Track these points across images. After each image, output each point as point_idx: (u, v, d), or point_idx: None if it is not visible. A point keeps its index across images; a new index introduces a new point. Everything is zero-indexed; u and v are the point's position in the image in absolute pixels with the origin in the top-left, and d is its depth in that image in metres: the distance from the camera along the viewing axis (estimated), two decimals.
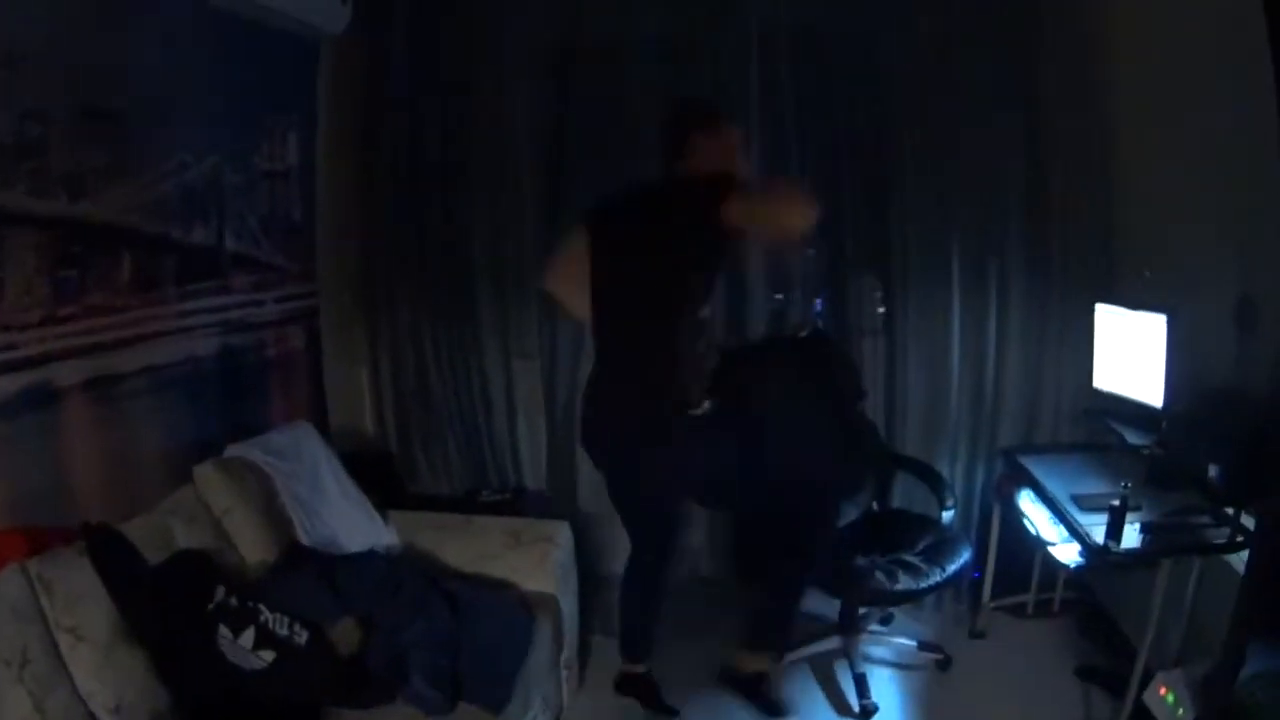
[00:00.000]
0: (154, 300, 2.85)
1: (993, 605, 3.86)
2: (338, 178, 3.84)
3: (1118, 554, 2.73)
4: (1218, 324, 2.98)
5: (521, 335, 4.00)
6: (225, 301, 3.18)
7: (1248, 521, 2.63)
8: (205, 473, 2.74)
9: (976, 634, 3.81)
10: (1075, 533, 2.90)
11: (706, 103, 3.31)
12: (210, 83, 3.08)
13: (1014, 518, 3.44)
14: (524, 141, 3.85)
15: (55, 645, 2.05)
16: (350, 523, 3.09)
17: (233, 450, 2.90)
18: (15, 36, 2.28)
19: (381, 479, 3.57)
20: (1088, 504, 2.97)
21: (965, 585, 3.90)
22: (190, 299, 3.01)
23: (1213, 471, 2.85)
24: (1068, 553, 3.05)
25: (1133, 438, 3.29)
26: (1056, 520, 3.08)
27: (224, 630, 2.32)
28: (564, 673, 3.17)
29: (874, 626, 3.67)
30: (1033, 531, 3.24)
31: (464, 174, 3.88)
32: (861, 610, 3.49)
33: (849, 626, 3.42)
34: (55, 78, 2.42)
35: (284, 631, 2.39)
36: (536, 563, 3.13)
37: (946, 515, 3.45)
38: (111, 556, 2.25)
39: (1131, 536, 2.75)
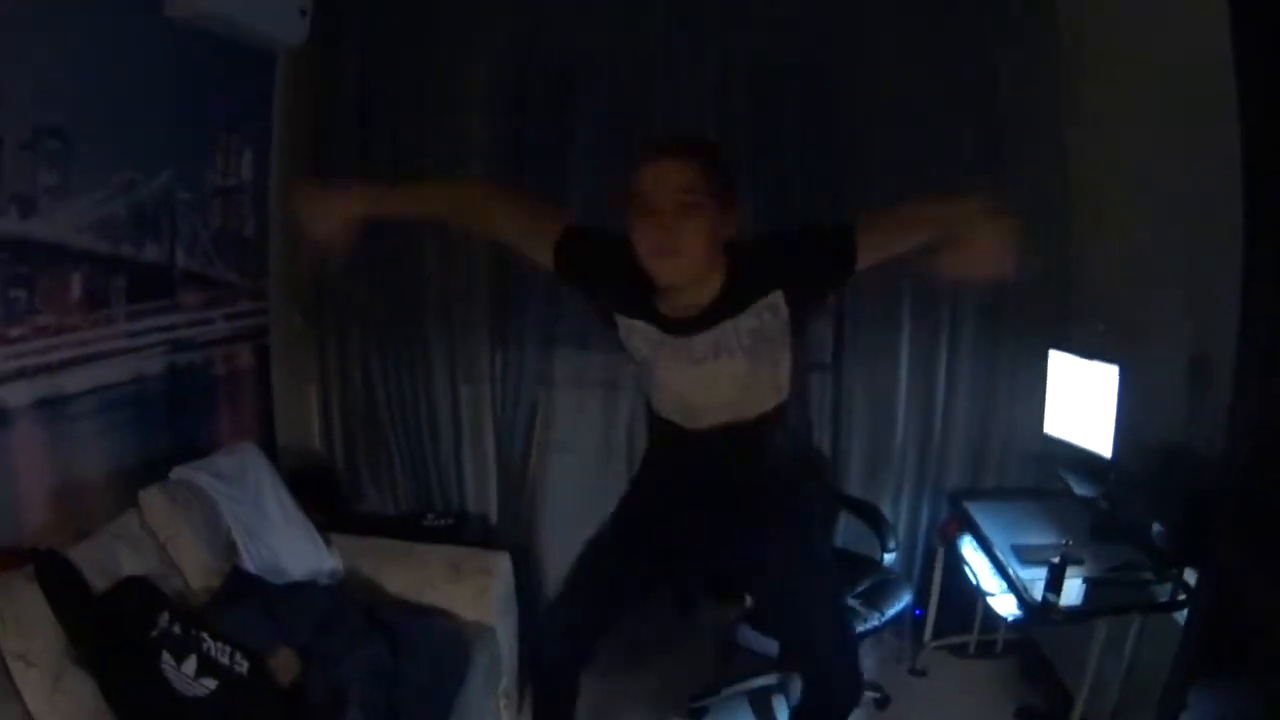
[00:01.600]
0: (103, 320, 2.83)
1: (934, 644, 3.89)
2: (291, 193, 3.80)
3: (1056, 610, 2.73)
4: (1171, 380, 2.99)
5: (470, 360, 4.01)
6: (175, 320, 3.16)
7: (1190, 578, 2.64)
8: (150, 498, 2.72)
9: (917, 672, 3.84)
10: (1014, 587, 2.92)
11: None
12: (164, 97, 3.05)
13: (957, 561, 3.47)
14: (476, 163, 3.85)
15: (6, 670, 2.06)
16: (293, 547, 3.10)
17: (178, 473, 2.89)
18: None
19: (327, 497, 3.58)
20: (1029, 556, 2.99)
21: (907, 623, 3.93)
22: (140, 318, 2.99)
23: (1157, 528, 2.87)
24: (1006, 604, 3.08)
25: (1080, 487, 3.31)
26: (996, 572, 3.10)
27: (167, 657, 2.31)
28: (503, 701, 3.19)
29: None
30: (973, 581, 3.28)
31: None
32: None
33: (788, 662, 3.44)
34: (4, 95, 2.40)
35: (225, 660, 2.39)
36: (476, 594, 3.16)
37: (888, 558, 3.47)
38: (59, 583, 2.25)
39: (1072, 592, 2.76)
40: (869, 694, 3.57)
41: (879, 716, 3.56)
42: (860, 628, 3.12)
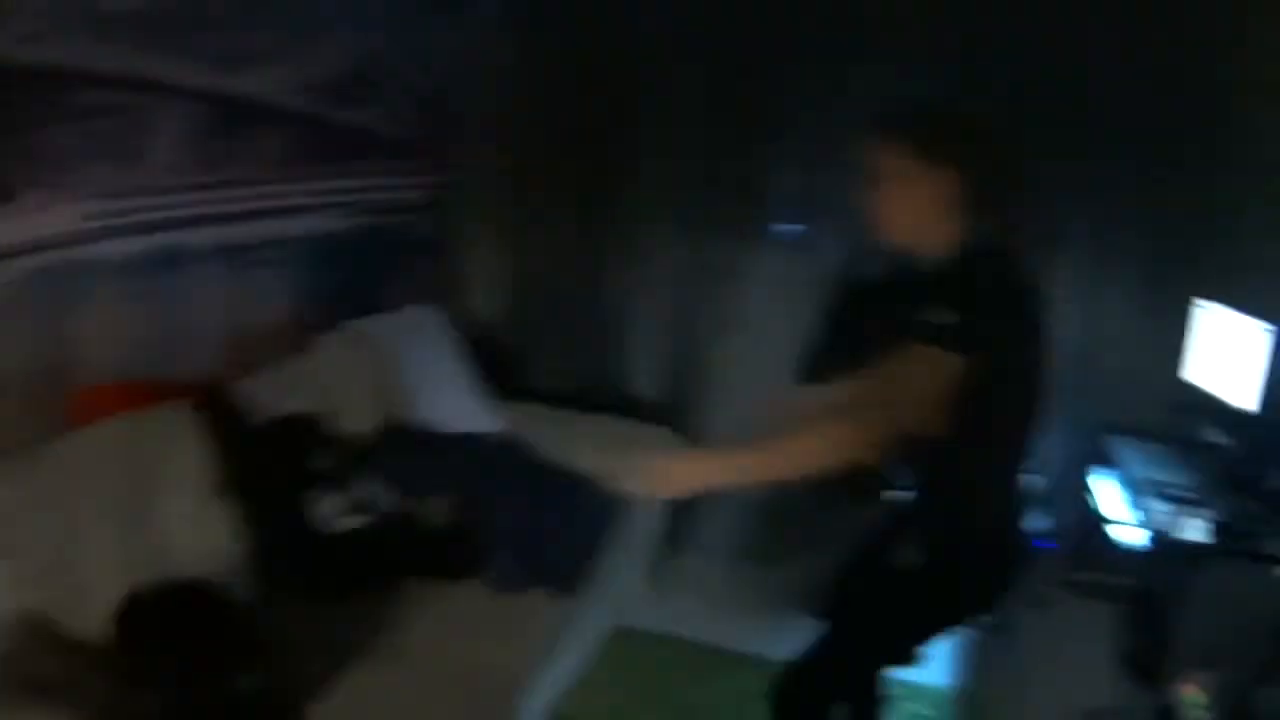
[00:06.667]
0: (295, 176, 2.97)
1: (1060, 579, 3.84)
2: (502, 67, 3.83)
3: (1181, 546, 2.77)
4: None
5: (655, 242, 3.99)
6: (364, 183, 3.30)
7: None
8: (326, 343, 2.91)
9: (1037, 604, 3.81)
10: (1143, 518, 2.96)
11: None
12: None
13: (1090, 497, 3.45)
14: (687, 44, 3.75)
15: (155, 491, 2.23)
16: (460, 406, 3.24)
17: (356, 324, 3.06)
18: None
19: (500, 367, 3.69)
20: (1160, 492, 3.00)
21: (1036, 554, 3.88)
22: (331, 177, 3.13)
23: None
24: (1135, 535, 3.10)
25: (1216, 437, 3.27)
26: (1129, 503, 3.12)
27: (318, 494, 2.47)
28: (637, 574, 3.30)
29: None
30: (1106, 510, 3.26)
31: (626, 77, 3.84)
32: None
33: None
34: None
35: (377, 500, 2.56)
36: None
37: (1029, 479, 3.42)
38: (219, 414, 2.41)
39: (1198, 531, 2.79)
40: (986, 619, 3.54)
41: (991, 642, 3.57)
42: None
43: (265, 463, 2.44)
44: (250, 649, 1.93)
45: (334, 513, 2.47)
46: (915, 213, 2.04)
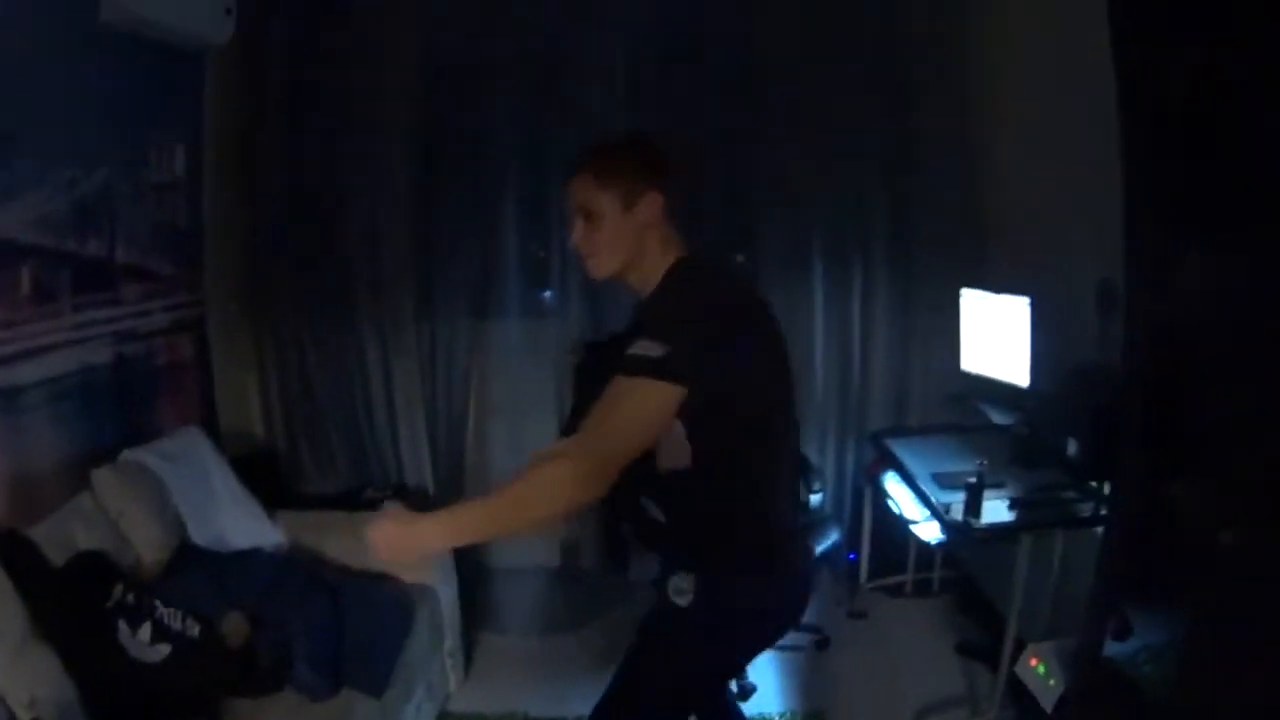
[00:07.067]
0: (51, 313, 2.97)
1: (870, 586, 4.11)
2: (223, 188, 3.99)
3: (976, 529, 2.86)
4: (1081, 307, 3.11)
5: (399, 333, 4.22)
6: (118, 312, 3.31)
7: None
8: (102, 477, 2.90)
9: (856, 614, 4.04)
10: (935, 511, 3.02)
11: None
12: (100, 98, 3.20)
13: (884, 502, 3.62)
14: (399, 151, 4.09)
15: None
16: (238, 522, 3.28)
17: (127, 455, 3.06)
18: None
19: (270, 479, 3.74)
20: (947, 482, 3.08)
21: (842, 567, 4.16)
22: (85, 309, 3.13)
23: (1073, 447, 3.02)
24: (930, 530, 3.24)
25: (1000, 418, 3.49)
26: (919, 500, 3.20)
27: (124, 626, 2.50)
28: (448, 661, 3.42)
29: None
30: (897, 511, 3.42)
31: (342, 181, 4.10)
32: None
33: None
34: None
35: (178, 626, 2.59)
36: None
37: (814, 499, 3.56)
38: (20, 560, 2.41)
39: (996, 512, 2.88)
40: (810, 636, 3.80)
41: (820, 658, 3.77)
42: None
43: (71, 603, 2.44)
44: None
45: (143, 642, 2.50)
46: (614, 245, 2.03)
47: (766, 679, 3.60)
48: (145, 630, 2.52)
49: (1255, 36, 1.75)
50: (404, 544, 1.94)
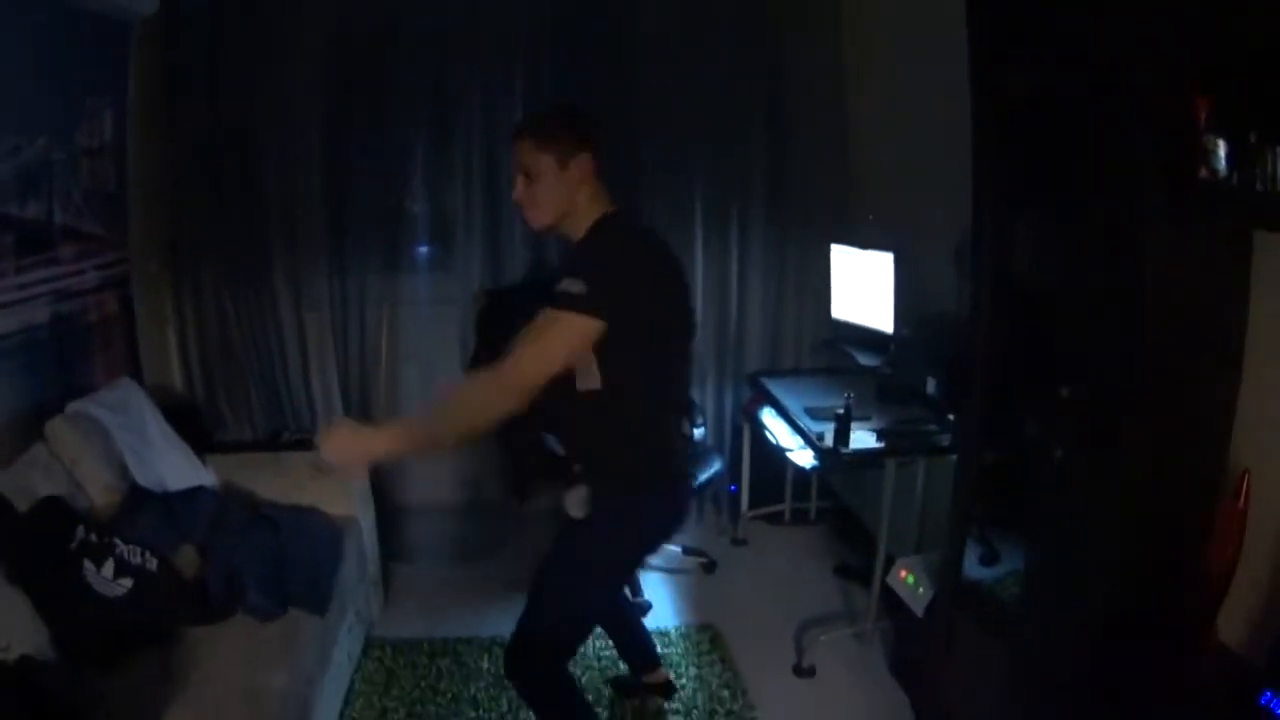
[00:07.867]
0: None
1: (751, 515, 4.50)
2: (147, 151, 4.18)
3: (846, 454, 3.20)
4: (938, 262, 3.45)
5: (312, 287, 4.52)
6: (55, 272, 3.50)
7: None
8: (56, 427, 3.14)
9: (738, 541, 4.45)
10: (808, 439, 3.37)
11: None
12: (38, 67, 3.35)
13: (762, 434, 3.92)
14: (311, 113, 4.38)
15: None
16: (175, 466, 3.53)
17: (74, 407, 3.29)
18: None
19: (192, 429, 3.96)
20: (819, 414, 3.47)
21: (725, 498, 4.58)
22: (27, 270, 3.33)
23: (931, 386, 3.39)
24: (804, 457, 3.52)
25: (867, 360, 3.84)
26: (793, 430, 3.55)
27: (88, 564, 2.72)
28: (371, 588, 3.76)
29: None
30: (774, 441, 3.71)
31: (258, 143, 4.36)
32: None
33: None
34: None
35: (138, 560, 2.83)
36: (338, 490, 3.67)
37: (697, 433, 3.92)
38: None
39: (863, 440, 3.23)
40: (697, 559, 4.18)
41: (706, 580, 4.15)
42: None
43: (39, 547, 2.68)
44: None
45: (106, 578, 2.73)
46: (551, 199, 2.38)
47: (661, 598, 3.97)
48: (109, 567, 2.75)
49: (1081, 52, 2.19)
50: (353, 447, 2.26)
